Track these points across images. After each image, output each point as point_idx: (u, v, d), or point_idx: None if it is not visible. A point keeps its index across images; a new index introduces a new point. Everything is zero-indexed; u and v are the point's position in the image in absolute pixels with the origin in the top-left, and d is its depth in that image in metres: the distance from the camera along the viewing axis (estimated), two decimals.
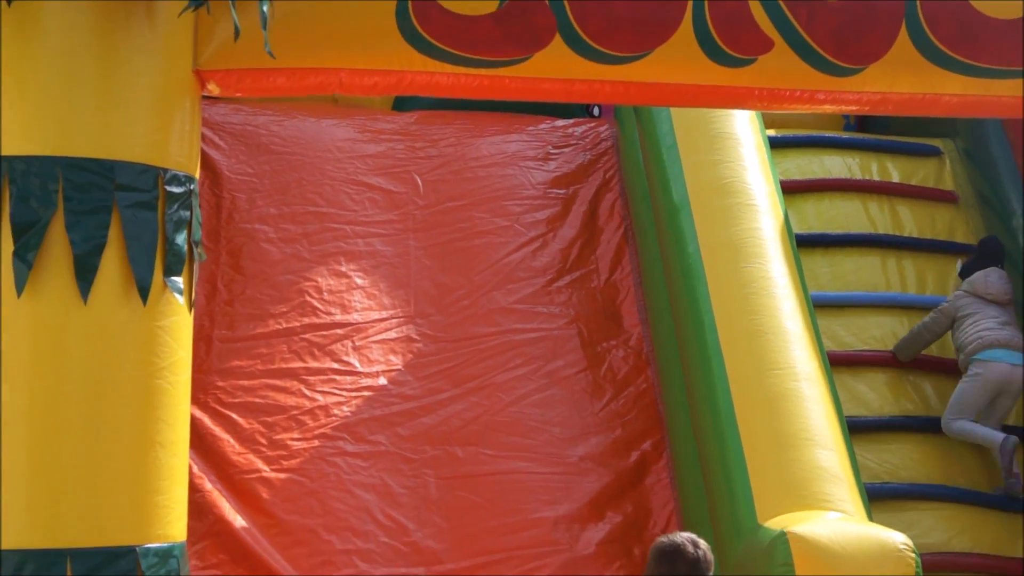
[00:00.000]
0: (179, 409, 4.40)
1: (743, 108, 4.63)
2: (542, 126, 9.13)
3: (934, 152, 9.06)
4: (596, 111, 9.80)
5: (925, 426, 7.51)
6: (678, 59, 4.43)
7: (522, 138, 8.93)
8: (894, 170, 8.89)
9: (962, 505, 7.15)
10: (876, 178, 8.82)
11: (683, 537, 4.63)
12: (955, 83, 4.48)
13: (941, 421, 7.47)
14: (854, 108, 4.66)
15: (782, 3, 4.35)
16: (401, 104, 9.65)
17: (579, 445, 7.31)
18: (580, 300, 8.02)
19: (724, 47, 4.40)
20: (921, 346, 7.80)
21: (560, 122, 9.22)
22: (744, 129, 7.65)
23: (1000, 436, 7.21)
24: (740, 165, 7.43)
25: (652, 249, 7.87)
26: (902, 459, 7.29)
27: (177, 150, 4.46)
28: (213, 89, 4.65)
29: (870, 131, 9.76)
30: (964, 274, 7.96)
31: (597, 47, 4.40)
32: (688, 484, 6.95)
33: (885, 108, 4.61)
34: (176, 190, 4.44)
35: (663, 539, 4.64)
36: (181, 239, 4.48)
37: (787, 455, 6.07)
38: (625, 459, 7.30)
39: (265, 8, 4.29)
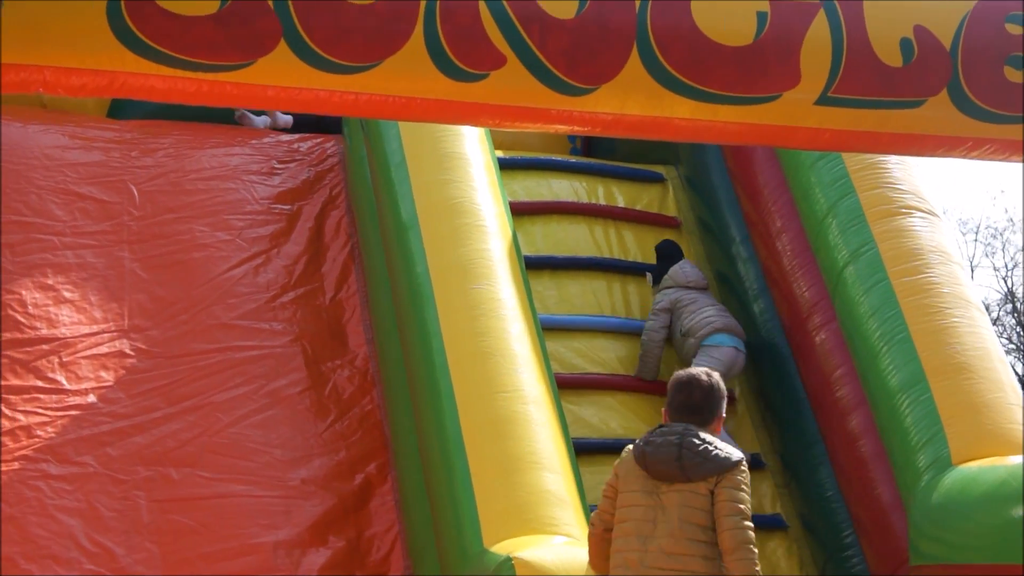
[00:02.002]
0: None
1: (474, 124, 4.52)
2: (266, 140, 8.92)
3: (658, 179, 9.19)
4: None
5: None
6: (409, 71, 4.26)
7: (245, 151, 8.68)
8: (619, 195, 8.97)
9: None
10: (602, 202, 8.88)
11: (698, 369, 5.19)
12: (685, 107, 4.45)
13: None
14: (586, 129, 4.58)
15: (516, 20, 4.25)
16: (116, 112, 9.27)
17: (301, 467, 7.10)
18: (304, 318, 7.81)
19: (456, 61, 4.26)
20: (656, 356, 7.97)
21: (285, 137, 9.01)
22: (474, 149, 7.58)
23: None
24: (470, 185, 7.36)
25: (379, 268, 7.71)
26: None
27: None
28: None
29: (596, 156, 9.86)
30: (657, 280, 8.28)
31: (324, 55, 4.21)
32: (414, 507, 6.81)
33: (617, 130, 4.56)
34: None
35: (680, 372, 5.19)
36: None
37: (514, 479, 6.00)
38: (349, 482, 7.13)
39: None
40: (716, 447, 4.89)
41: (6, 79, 4.24)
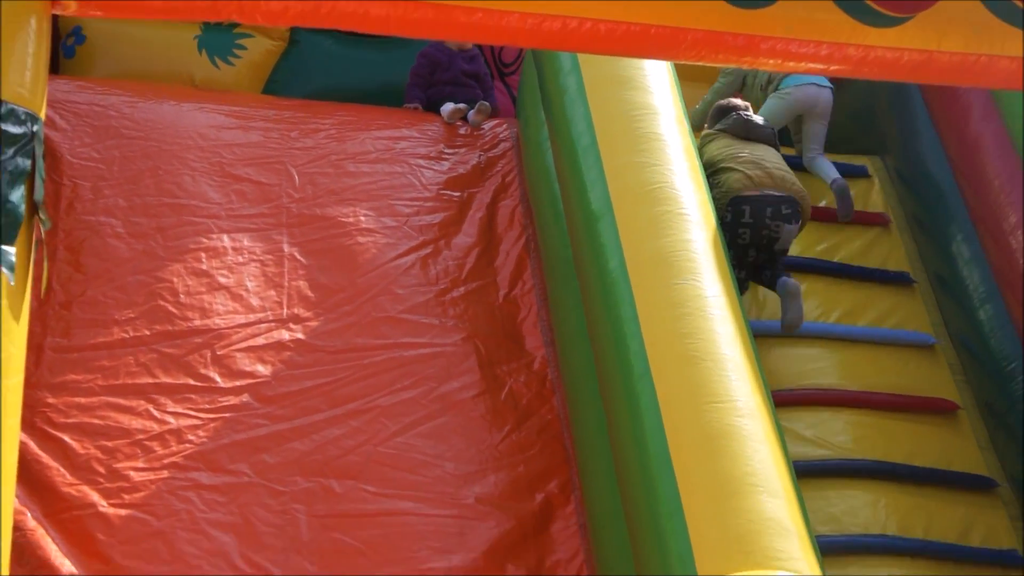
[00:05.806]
0: (7, 424, 3.27)
1: (749, 64, 3.67)
2: (434, 124, 8.19)
3: (861, 172, 8.31)
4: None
5: (883, 472, 6.70)
6: None
7: (412, 134, 7.96)
8: None
9: (919, 559, 6.36)
10: None
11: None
12: (1017, 42, 3.60)
13: None
14: (889, 72, 3.73)
15: None
16: (272, 92, 8.69)
17: (475, 484, 6.31)
18: (477, 315, 7.05)
19: None
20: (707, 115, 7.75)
21: None
22: (670, 130, 6.75)
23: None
24: (668, 168, 6.50)
25: (562, 263, 6.90)
26: (853, 507, 6.46)
27: (17, 79, 3.36)
28: (68, 5, 3.55)
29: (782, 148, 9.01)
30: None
31: None
32: (604, 534, 5.97)
33: (927, 73, 3.69)
34: (14, 130, 3.34)
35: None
36: (17, 196, 3.37)
37: (730, 504, 5.08)
38: (528, 502, 6.31)
39: None
40: None
41: (195, 3, 3.53)
